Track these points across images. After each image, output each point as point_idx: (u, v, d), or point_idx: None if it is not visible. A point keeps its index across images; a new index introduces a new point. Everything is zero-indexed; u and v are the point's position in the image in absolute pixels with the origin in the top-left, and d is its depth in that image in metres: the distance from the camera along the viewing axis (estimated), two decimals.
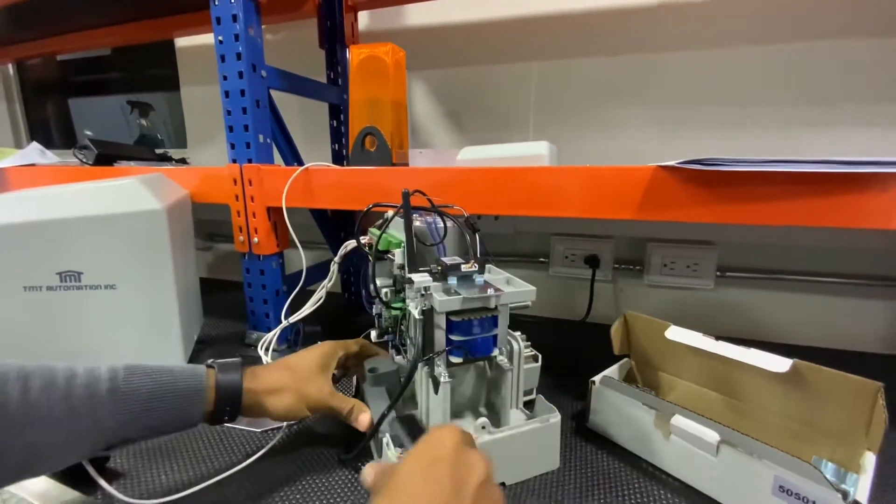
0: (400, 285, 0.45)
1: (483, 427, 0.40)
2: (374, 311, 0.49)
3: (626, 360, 0.53)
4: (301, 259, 0.64)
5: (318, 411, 0.43)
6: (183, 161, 0.97)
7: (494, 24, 0.83)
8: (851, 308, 0.72)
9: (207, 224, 1.13)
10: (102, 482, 0.37)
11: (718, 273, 0.77)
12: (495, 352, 0.42)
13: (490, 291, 0.39)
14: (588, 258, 0.82)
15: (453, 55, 0.86)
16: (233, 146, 0.64)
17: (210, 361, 0.40)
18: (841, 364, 0.38)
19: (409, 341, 0.44)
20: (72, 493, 0.39)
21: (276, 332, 0.58)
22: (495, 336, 0.41)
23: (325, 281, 0.55)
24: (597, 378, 0.49)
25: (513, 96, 0.83)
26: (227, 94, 0.62)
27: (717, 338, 0.45)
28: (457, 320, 0.38)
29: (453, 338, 0.39)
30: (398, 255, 0.44)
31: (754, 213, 0.43)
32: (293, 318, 0.57)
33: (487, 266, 0.45)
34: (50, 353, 0.52)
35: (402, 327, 0.45)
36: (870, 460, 0.35)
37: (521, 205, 0.52)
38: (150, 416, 0.34)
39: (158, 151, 1.01)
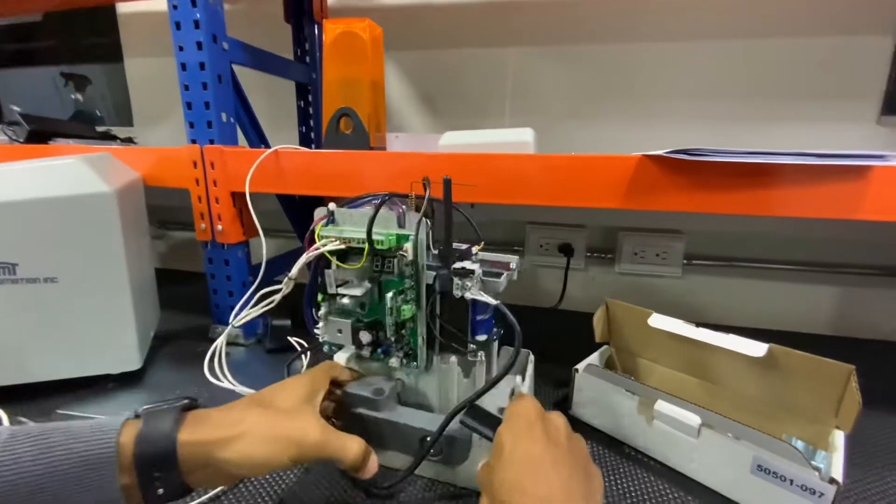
0: (410, 283, 0.41)
1: None
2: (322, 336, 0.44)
3: (605, 347, 0.54)
4: (265, 248, 0.60)
5: (306, 459, 0.31)
6: (130, 141, 0.89)
7: (472, 6, 0.80)
8: (802, 293, 0.77)
9: (159, 210, 1.04)
10: None
11: (685, 261, 0.79)
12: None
13: (506, 272, 0.43)
14: (562, 247, 0.83)
15: (428, 37, 0.83)
16: (192, 125, 0.58)
17: (141, 409, 0.29)
18: (794, 347, 0.40)
19: (420, 341, 0.42)
20: None
21: (241, 319, 0.51)
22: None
23: (283, 287, 0.46)
24: (580, 366, 0.49)
25: (490, 82, 0.82)
26: (183, 66, 0.56)
27: (697, 325, 0.46)
28: (481, 302, 0.40)
29: (480, 318, 0.42)
30: (410, 252, 0.40)
31: (733, 202, 0.45)
32: (253, 313, 0.50)
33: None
34: None
35: (404, 331, 0.42)
36: (839, 439, 0.37)
37: (506, 192, 0.51)
38: (41, 494, 0.25)
39: (100, 129, 0.91)
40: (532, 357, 0.51)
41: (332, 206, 0.41)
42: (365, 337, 0.42)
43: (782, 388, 0.41)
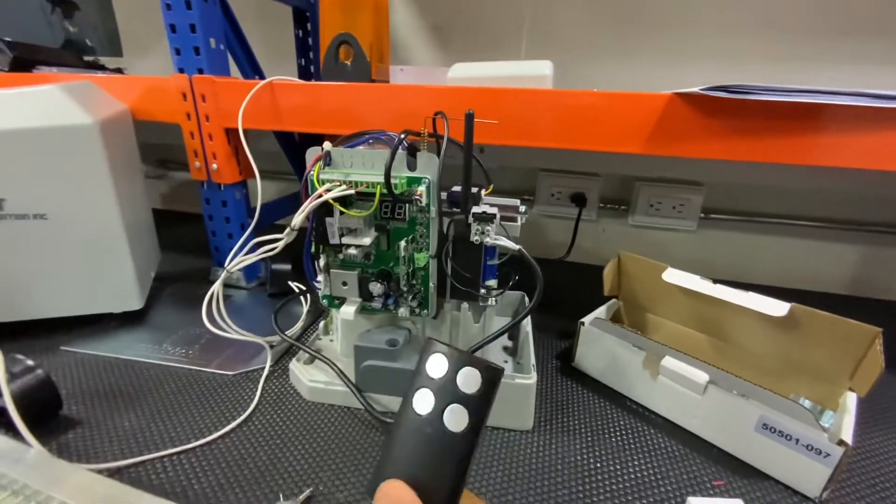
0: (422, 230, 0.39)
1: None
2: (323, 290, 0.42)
3: (613, 301, 0.52)
4: (260, 190, 0.57)
5: None
6: (119, 71, 0.83)
7: None
8: (823, 251, 0.74)
9: (158, 148, 1.01)
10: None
11: (702, 215, 0.76)
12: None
13: (518, 215, 0.42)
14: (574, 196, 0.79)
15: None
16: (178, 52, 0.53)
17: None
18: (811, 306, 0.38)
19: (431, 288, 0.40)
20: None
21: (236, 265, 0.48)
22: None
23: (284, 236, 0.42)
24: (586, 319, 0.47)
25: (506, 12, 0.74)
26: None
27: (714, 281, 0.44)
28: (497, 246, 0.39)
29: (490, 263, 0.41)
30: (424, 195, 0.37)
31: (776, 149, 0.41)
32: (248, 260, 0.47)
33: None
34: None
35: (416, 280, 0.40)
36: (851, 401, 0.35)
37: (521, 133, 0.47)
38: None
39: (88, 59, 0.86)
40: (527, 300, 0.50)
41: (327, 145, 0.38)
42: (376, 288, 0.40)
43: (796, 347, 0.40)
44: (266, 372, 0.46)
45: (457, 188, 0.41)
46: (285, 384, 0.45)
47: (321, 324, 0.51)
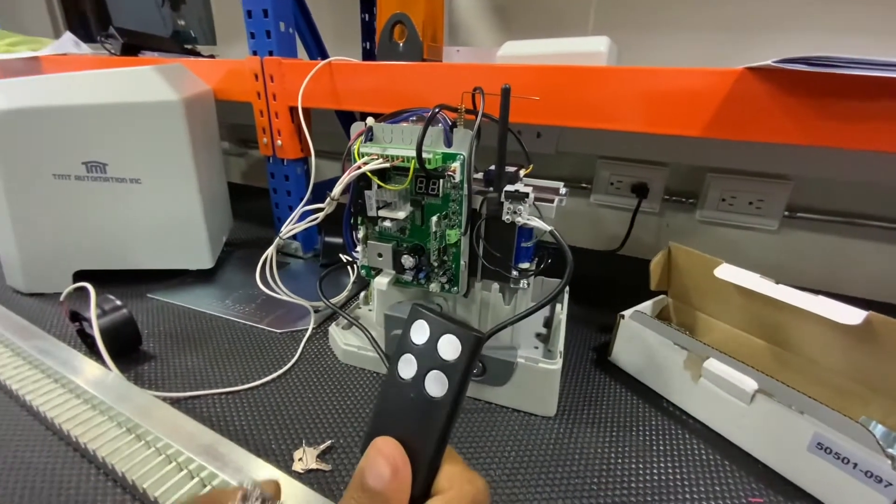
0: (455, 206, 0.39)
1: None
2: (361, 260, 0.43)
3: (662, 296, 0.49)
4: (314, 165, 0.61)
5: None
6: (211, 57, 0.92)
7: None
8: None
9: (240, 128, 1.11)
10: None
11: (787, 213, 0.67)
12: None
13: (556, 197, 0.40)
14: (636, 186, 0.74)
15: None
16: (252, 35, 0.58)
17: None
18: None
19: (462, 266, 0.40)
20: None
21: (287, 232, 0.48)
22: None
23: (325, 206, 0.44)
24: (626, 312, 0.45)
25: None
26: None
27: (777, 282, 0.39)
28: (529, 227, 0.38)
29: (524, 245, 0.40)
30: (458, 172, 0.37)
31: (872, 134, 0.35)
32: (296, 228, 0.47)
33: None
34: (80, 241, 0.54)
35: (447, 257, 0.41)
36: None
37: (571, 114, 0.44)
38: None
39: (187, 47, 0.96)
40: (567, 288, 0.48)
41: (370, 120, 0.39)
42: (408, 261, 0.42)
43: (872, 363, 0.34)
44: (308, 333, 0.49)
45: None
46: (324, 345, 0.48)
47: (362, 294, 0.53)
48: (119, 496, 0.31)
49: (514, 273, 0.41)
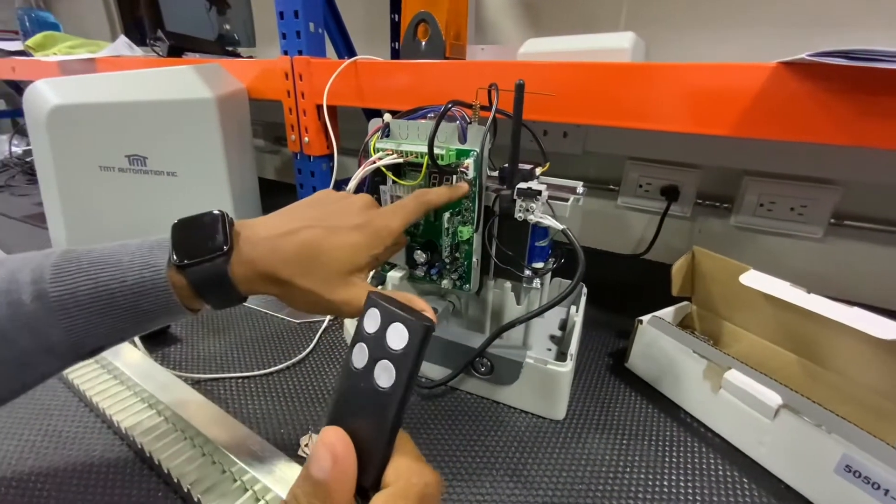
0: (467, 203, 0.39)
1: None
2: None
3: (685, 303, 0.47)
4: (336, 162, 0.62)
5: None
6: (250, 58, 0.97)
7: None
8: None
9: (275, 127, 1.15)
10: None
11: (833, 220, 0.63)
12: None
13: (572, 196, 0.40)
14: (666, 189, 0.71)
15: None
16: (284, 36, 0.60)
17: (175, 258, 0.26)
18: None
19: (474, 263, 0.41)
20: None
21: None
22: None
23: None
24: (645, 318, 0.43)
25: None
26: None
27: (810, 291, 0.37)
28: (542, 226, 0.37)
29: (539, 244, 0.40)
30: (471, 168, 0.37)
31: None
32: None
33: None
34: (121, 229, 0.58)
35: (459, 253, 0.41)
36: None
37: (593, 112, 0.43)
38: (106, 321, 0.25)
39: (229, 49, 1.01)
40: (585, 290, 0.47)
41: (387, 116, 0.40)
42: (420, 257, 0.42)
43: None
44: (325, 325, 0.51)
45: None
46: (338, 337, 0.50)
47: (378, 288, 0.54)
48: (137, 466, 0.32)
49: (527, 272, 0.41)
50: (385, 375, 0.19)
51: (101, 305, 0.24)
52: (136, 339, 0.43)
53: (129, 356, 0.40)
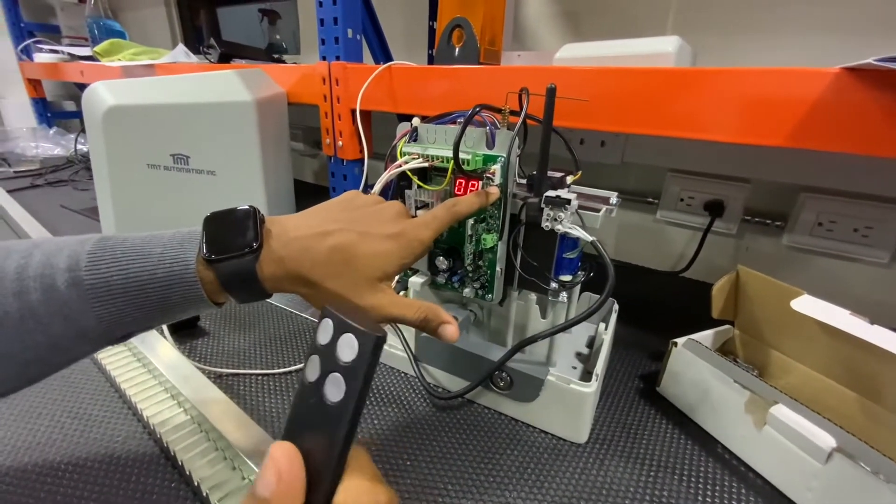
0: (493, 210, 0.37)
1: None
2: None
3: (727, 327, 0.43)
4: (366, 166, 0.63)
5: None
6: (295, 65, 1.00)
7: None
8: None
9: (314, 131, 1.18)
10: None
11: None
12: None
13: (605, 206, 0.38)
14: (709, 204, 0.67)
15: None
16: (323, 42, 0.62)
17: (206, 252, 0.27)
18: None
19: (497, 272, 0.39)
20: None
21: None
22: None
23: None
24: (680, 340, 0.40)
25: None
26: None
27: (873, 322, 0.33)
28: (571, 237, 0.36)
29: (567, 256, 0.38)
30: (497, 174, 0.36)
31: None
32: None
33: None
34: (166, 223, 0.61)
35: (482, 262, 0.40)
36: None
37: (633, 119, 0.41)
38: (136, 311, 0.25)
39: (275, 56, 1.05)
40: (616, 307, 0.44)
41: (416, 120, 0.40)
42: (442, 263, 0.41)
43: None
44: None
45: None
46: None
47: (401, 293, 0.54)
48: (156, 457, 0.33)
49: (553, 285, 0.39)
50: (335, 389, 0.18)
51: (132, 296, 0.25)
52: (166, 331, 0.44)
53: (161, 348, 0.42)
